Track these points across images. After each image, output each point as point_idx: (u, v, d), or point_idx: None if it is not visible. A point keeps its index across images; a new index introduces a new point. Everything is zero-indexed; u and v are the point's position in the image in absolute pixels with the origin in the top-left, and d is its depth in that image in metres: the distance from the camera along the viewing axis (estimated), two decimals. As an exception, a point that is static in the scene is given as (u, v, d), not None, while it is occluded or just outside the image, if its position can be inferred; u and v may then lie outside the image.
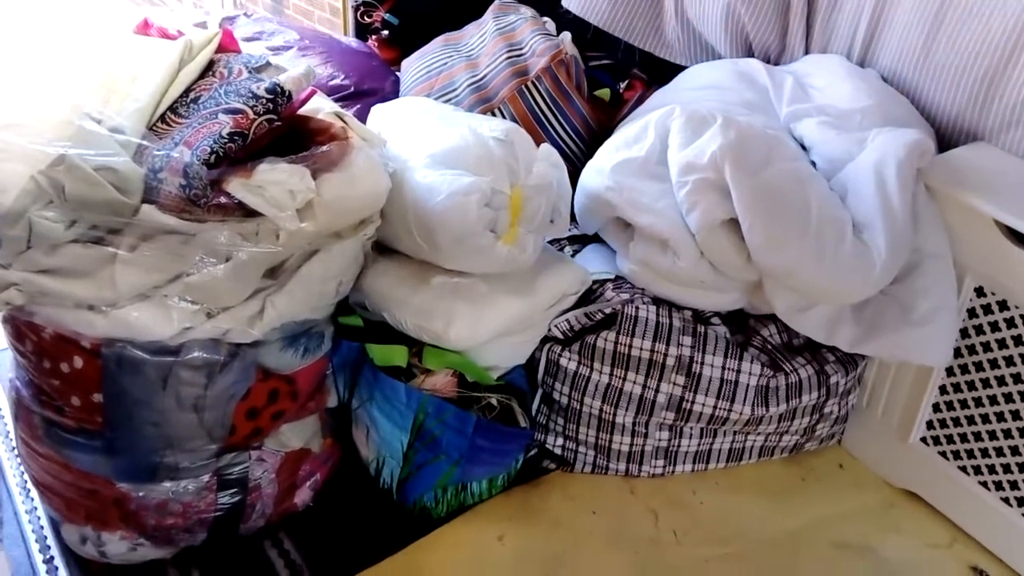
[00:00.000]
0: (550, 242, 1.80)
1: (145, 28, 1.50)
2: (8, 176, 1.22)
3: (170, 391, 1.32)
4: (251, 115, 1.27)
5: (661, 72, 2.10)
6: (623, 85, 2.07)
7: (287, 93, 1.32)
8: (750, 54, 1.93)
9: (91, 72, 1.36)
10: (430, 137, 1.57)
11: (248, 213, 1.28)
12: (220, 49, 1.44)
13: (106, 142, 1.24)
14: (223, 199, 1.24)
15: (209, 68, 1.40)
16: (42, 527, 1.55)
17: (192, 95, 1.35)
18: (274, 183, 1.27)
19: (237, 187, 1.24)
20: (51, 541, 1.53)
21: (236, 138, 1.24)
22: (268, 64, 1.41)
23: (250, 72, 1.37)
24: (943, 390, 1.60)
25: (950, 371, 1.58)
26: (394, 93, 2.04)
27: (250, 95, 1.29)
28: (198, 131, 1.25)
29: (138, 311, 1.28)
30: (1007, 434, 1.51)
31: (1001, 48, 1.54)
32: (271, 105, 1.30)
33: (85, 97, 1.32)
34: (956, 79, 1.62)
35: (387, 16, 2.45)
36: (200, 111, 1.30)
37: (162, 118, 1.33)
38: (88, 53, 1.40)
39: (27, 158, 1.22)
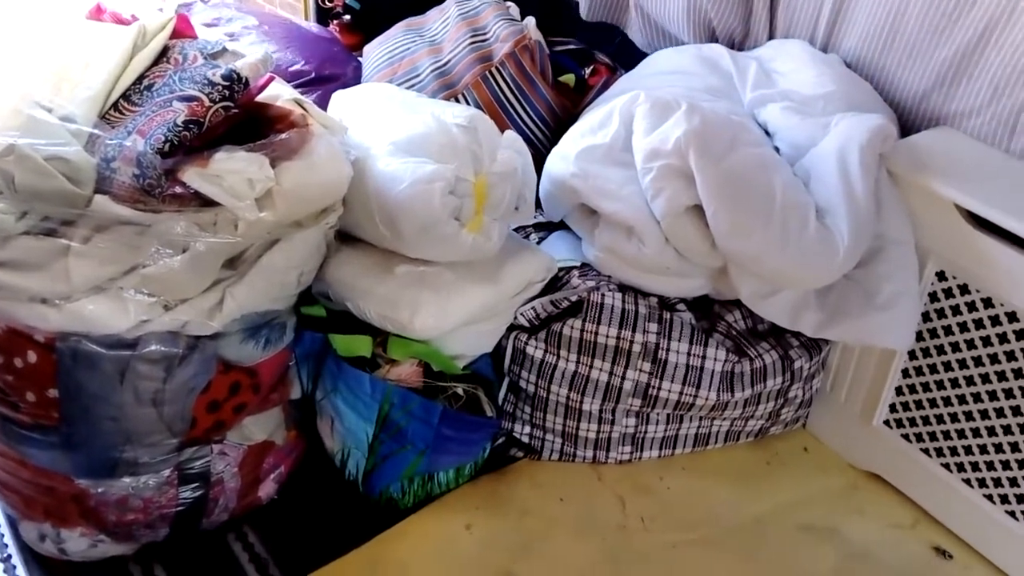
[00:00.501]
0: (516, 229, 1.79)
1: (98, 13, 1.46)
2: (-45, 167, 1.19)
3: (128, 385, 1.30)
4: (207, 102, 1.24)
5: (629, 58, 2.09)
6: (588, 71, 2.06)
7: (244, 80, 1.29)
8: (714, 40, 1.93)
9: (42, 59, 1.32)
10: (393, 124, 1.54)
11: (205, 203, 1.25)
12: (175, 35, 1.40)
13: (57, 131, 1.21)
14: (178, 189, 1.21)
15: (163, 54, 1.36)
16: (-1, 525, 1.52)
17: (146, 82, 1.31)
18: (232, 172, 1.24)
19: (193, 176, 1.21)
20: (8, 539, 1.49)
21: (191, 126, 1.22)
22: (224, 50, 1.38)
23: (206, 58, 1.34)
24: (905, 373, 1.61)
25: (912, 354, 1.59)
26: (356, 79, 2.01)
27: (205, 82, 1.26)
28: (152, 119, 1.22)
29: (93, 304, 1.24)
30: (968, 416, 1.53)
31: (970, 32, 1.55)
32: (227, 92, 1.27)
33: (35, 85, 1.28)
34: (921, 64, 1.62)
35: (348, 1, 2.41)
36: (154, 99, 1.27)
37: (115, 106, 1.29)
38: (39, 40, 1.36)
39: (-26, 148, 1.19)
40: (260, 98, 1.39)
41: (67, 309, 1.24)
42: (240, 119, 1.33)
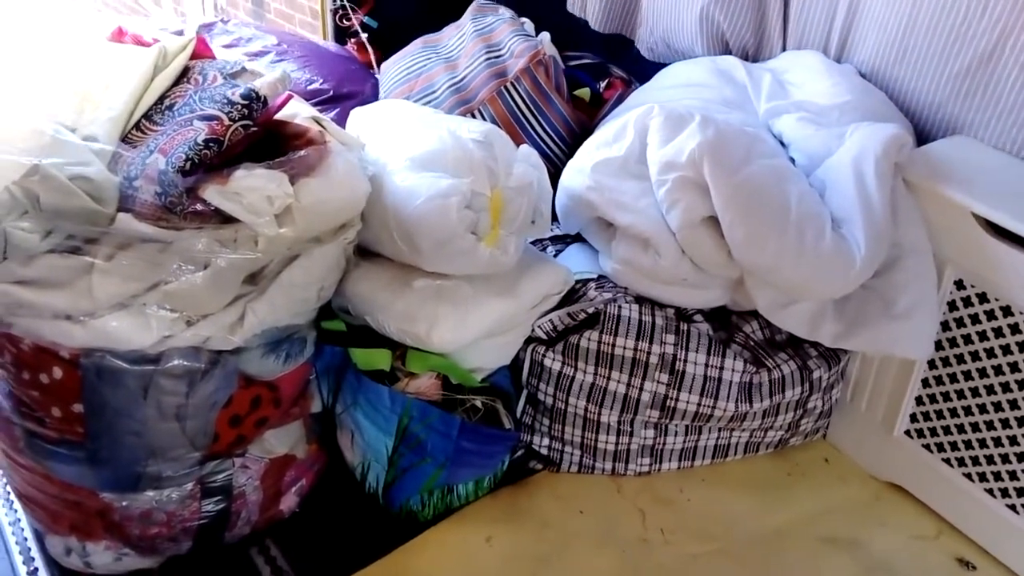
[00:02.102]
0: (532, 242, 1.80)
1: (119, 36, 1.49)
2: (-19, 187, 1.21)
3: (151, 400, 1.32)
4: (226, 121, 1.27)
5: (644, 71, 2.10)
6: (603, 84, 2.07)
7: (262, 98, 1.31)
8: (727, 53, 1.93)
9: (64, 81, 1.35)
10: (409, 140, 1.56)
11: (226, 220, 1.27)
12: (195, 56, 1.43)
13: (80, 151, 1.23)
14: (199, 206, 1.23)
15: (184, 75, 1.39)
16: (26, 539, 1.54)
17: (167, 102, 1.34)
18: (251, 189, 1.26)
19: (213, 194, 1.24)
20: (35, 553, 1.52)
21: (211, 145, 1.24)
22: (243, 70, 1.40)
23: (225, 78, 1.36)
24: (926, 383, 1.60)
25: (932, 364, 1.58)
26: (373, 96, 2.03)
27: (225, 101, 1.29)
28: (173, 138, 1.25)
29: (117, 320, 1.27)
30: (989, 426, 1.52)
31: (985, 40, 1.55)
32: (246, 111, 1.29)
33: (58, 106, 1.31)
34: (936, 72, 1.62)
35: (366, 19, 2.45)
36: (175, 118, 1.30)
37: (136, 126, 1.32)
38: (61, 62, 1.39)
39: (0, 169, 1.21)
40: (279, 116, 1.41)
41: (91, 325, 1.27)
42: (259, 137, 1.35)
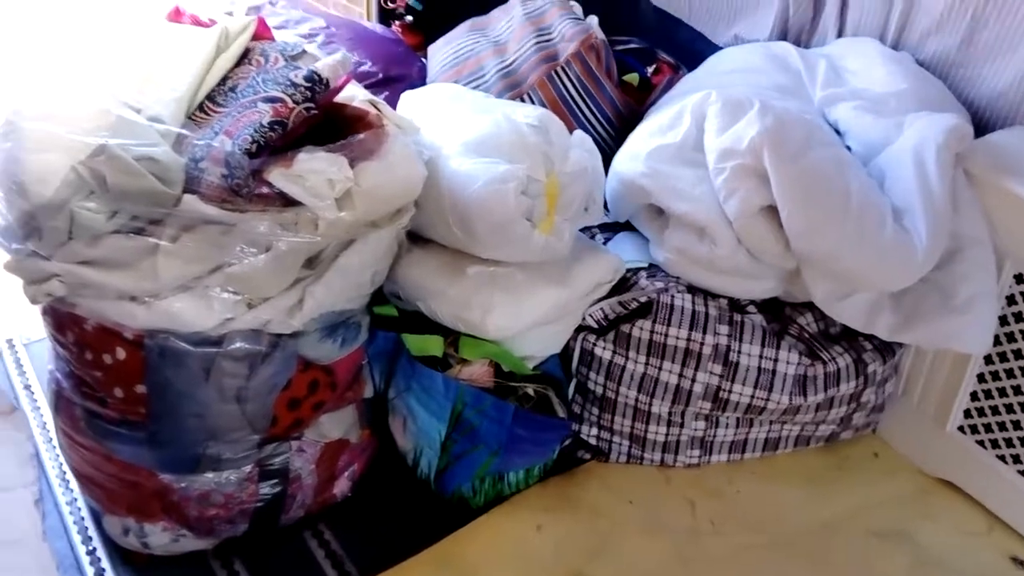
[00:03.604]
0: (581, 230, 1.79)
1: (177, 16, 1.49)
2: (48, 167, 1.22)
3: (213, 382, 1.32)
4: (290, 103, 1.27)
5: (691, 56, 2.08)
6: (651, 70, 2.06)
7: (325, 81, 1.31)
8: (783, 36, 1.91)
9: (127, 61, 1.36)
10: (463, 124, 1.56)
11: (287, 203, 1.27)
12: (255, 37, 1.43)
13: (146, 132, 1.24)
14: (264, 189, 1.23)
15: (245, 56, 1.39)
16: (83, 519, 1.55)
17: (229, 84, 1.34)
18: (313, 172, 1.26)
19: (278, 176, 1.24)
20: (92, 532, 1.53)
21: (276, 127, 1.24)
22: (304, 52, 1.40)
23: (286, 60, 1.36)
24: (981, 378, 1.59)
25: (988, 359, 1.57)
26: (421, 80, 2.03)
27: (288, 83, 1.29)
28: (238, 120, 1.25)
29: (180, 302, 1.27)
30: (1048, 421, 1.50)
31: None
32: (309, 93, 1.29)
33: (122, 87, 1.31)
34: (999, 61, 1.59)
35: (411, 1, 2.44)
36: (239, 100, 1.30)
37: (200, 107, 1.32)
38: (123, 42, 1.40)
39: (67, 149, 1.22)
40: (337, 99, 1.41)
41: (155, 307, 1.27)
42: (318, 120, 1.35)
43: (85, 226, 1.23)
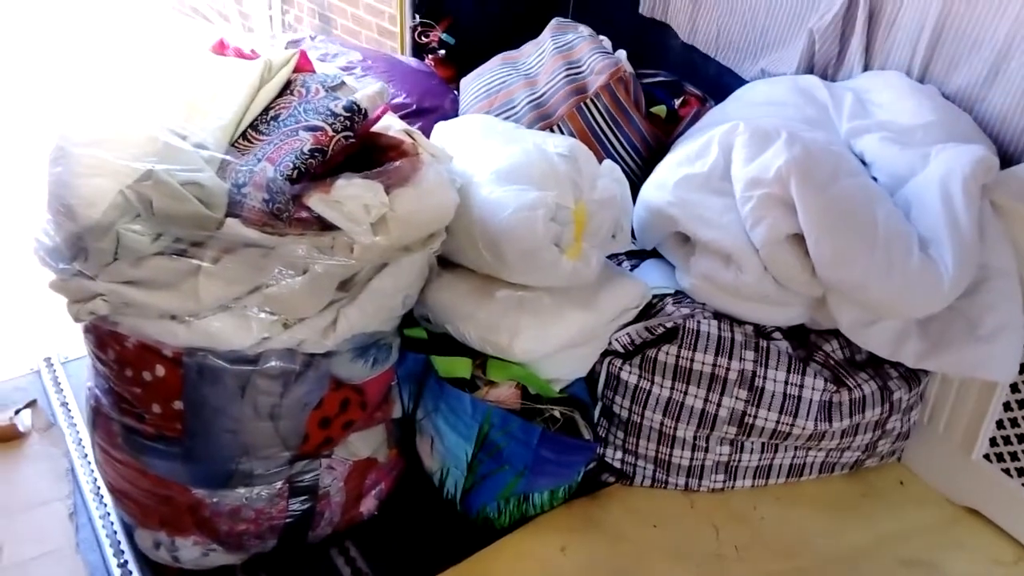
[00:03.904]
0: (608, 257, 1.82)
1: (222, 48, 1.55)
2: (97, 191, 1.27)
3: (248, 399, 1.36)
4: (330, 132, 1.31)
5: (718, 89, 2.12)
6: (678, 102, 2.09)
7: (363, 111, 1.36)
8: (810, 70, 1.94)
9: (173, 90, 1.41)
10: (495, 153, 1.60)
11: (324, 227, 1.31)
12: (297, 69, 1.48)
13: (191, 158, 1.29)
14: (304, 213, 1.28)
15: (287, 87, 1.44)
16: (115, 532, 1.59)
17: (271, 113, 1.39)
18: (351, 198, 1.30)
19: (317, 202, 1.28)
20: (125, 546, 1.56)
21: (316, 154, 1.29)
22: (343, 83, 1.45)
23: (327, 91, 1.41)
24: (1007, 407, 1.59)
25: (1015, 387, 1.57)
26: (453, 111, 2.08)
27: (328, 113, 1.33)
28: (280, 148, 1.30)
29: (219, 321, 1.32)
30: (1076, 451, 1.50)
31: None
32: (348, 123, 1.34)
33: (169, 114, 1.36)
34: (1023, 95, 1.61)
35: (444, 36, 2.50)
36: (280, 128, 1.35)
37: (243, 135, 1.37)
38: (169, 71, 1.45)
39: (115, 173, 1.27)
40: (373, 128, 1.45)
41: (195, 326, 1.31)
42: (356, 148, 1.39)
43: (130, 247, 1.28)
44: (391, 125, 1.51)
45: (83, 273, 1.31)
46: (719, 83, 2.20)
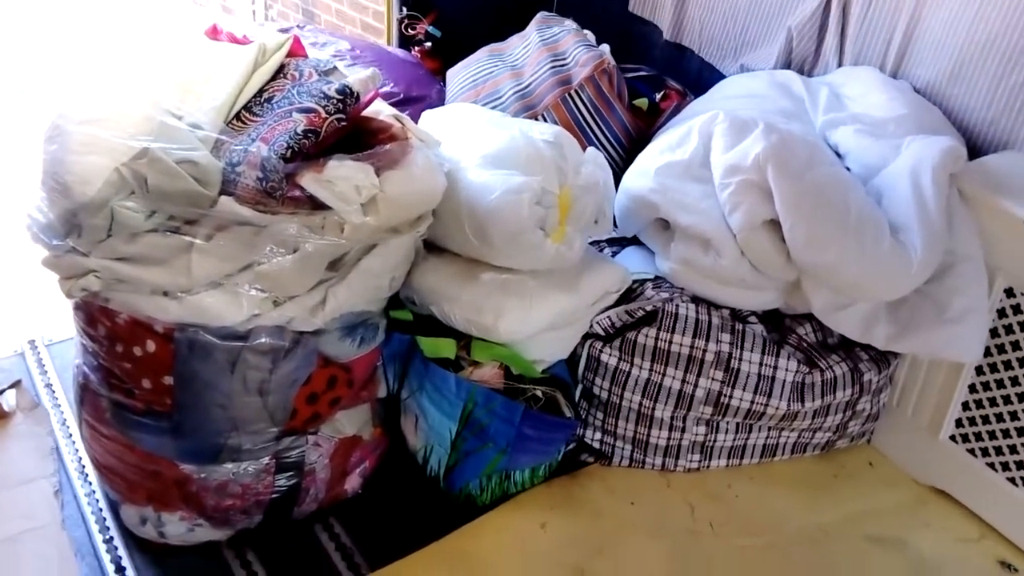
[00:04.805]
0: (590, 244, 1.87)
1: (215, 33, 1.58)
2: (92, 168, 1.30)
3: (237, 374, 1.39)
4: (323, 114, 1.35)
5: (699, 83, 2.18)
6: (660, 95, 2.14)
7: (355, 94, 1.39)
8: (787, 66, 2.00)
9: (168, 73, 1.44)
10: (482, 139, 1.64)
11: (315, 207, 1.34)
12: (289, 54, 1.51)
13: (187, 137, 1.31)
14: (296, 192, 1.31)
15: (280, 71, 1.47)
16: (101, 509, 1.61)
17: (265, 95, 1.42)
18: (342, 178, 1.34)
19: (309, 181, 1.31)
20: (110, 522, 1.58)
21: (310, 135, 1.32)
22: (335, 68, 1.48)
23: (319, 75, 1.44)
24: (972, 388, 1.65)
25: (979, 369, 1.63)
26: (440, 101, 2.12)
27: (322, 95, 1.37)
28: (274, 128, 1.33)
29: (211, 297, 1.34)
30: (1036, 431, 1.56)
31: None
32: (341, 105, 1.37)
33: (165, 95, 1.39)
34: (991, 90, 1.68)
35: (430, 28, 2.53)
36: (274, 110, 1.38)
37: (237, 116, 1.40)
38: (165, 54, 1.48)
39: (111, 151, 1.30)
40: (364, 113, 1.49)
41: (187, 301, 1.34)
42: (347, 131, 1.43)
43: (124, 224, 1.30)
44: (381, 110, 1.54)
45: (76, 249, 1.34)
46: (700, 78, 2.26)
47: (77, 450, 1.72)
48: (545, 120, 1.93)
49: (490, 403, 1.56)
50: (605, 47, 2.05)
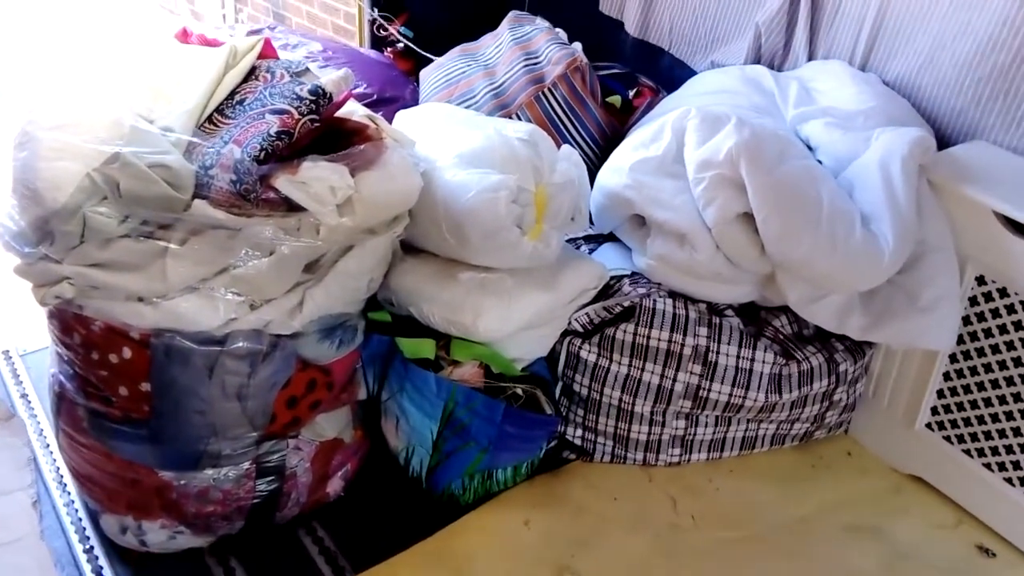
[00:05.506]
0: (567, 241, 1.87)
1: (185, 36, 1.57)
2: (63, 173, 1.29)
3: (216, 380, 1.38)
4: (296, 115, 1.34)
5: (671, 80, 2.19)
6: (633, 92, 2.16)
7: (328, 95, 1.39)
8: (757, 61, 2.02)
9: (139, 76, 1.43)
10: (457, 139, 1.64)
11: (291, 209, 1.34)
12: (261, 56, 1.50)
13: (158, 140, 1.30)
14: (270, 194, 1.30)
15: (252, 73, 1.46)
16: (80, 519, 1.59)
17: (237, 97, 1.42)
18: (317, 179, 1.33)
19: (284, 183, 1.31)
20: (90, 532, 1.57)
21: (283, 136, 1.31)
22: (307, 69, 1.48)
23: (291, 76, 1.44)
24: (947, 376, 1.67)
25: (953, 358, 1.66)
26: (413, 101, 2.11)
27: (294, 97, 1.36)
28: (246, 130, 1.32)
29: (187, 302, 1.33)
30: (1009, 416, 1.59)
31: (1005, 52, 1.63)
32: (314, 106, 1.37)
33: (135, 99, 1.38)
34: (958, 82, 1.71)
35: (402, 29, 2.53)
36: (247, 112, 1.37)
37: (209, 119, 1.39)
38: (134, 58, 1.47)
39: (82, 156, 1.29)
40: (337, 114, 1.48)
41: (162, 307, 1.33)
42: (321, 132, 1.42)
43: (97, 230, 1.29)
44: (354, 111, 1.54)
45: (49, 257, 1.32)
46: (672, 75, 2.27)
47: (55, 460, 1.70)
48: (519, 118, 1.93)
49: (471, 402, 1.56)
50: (577, 45, 2.06)
